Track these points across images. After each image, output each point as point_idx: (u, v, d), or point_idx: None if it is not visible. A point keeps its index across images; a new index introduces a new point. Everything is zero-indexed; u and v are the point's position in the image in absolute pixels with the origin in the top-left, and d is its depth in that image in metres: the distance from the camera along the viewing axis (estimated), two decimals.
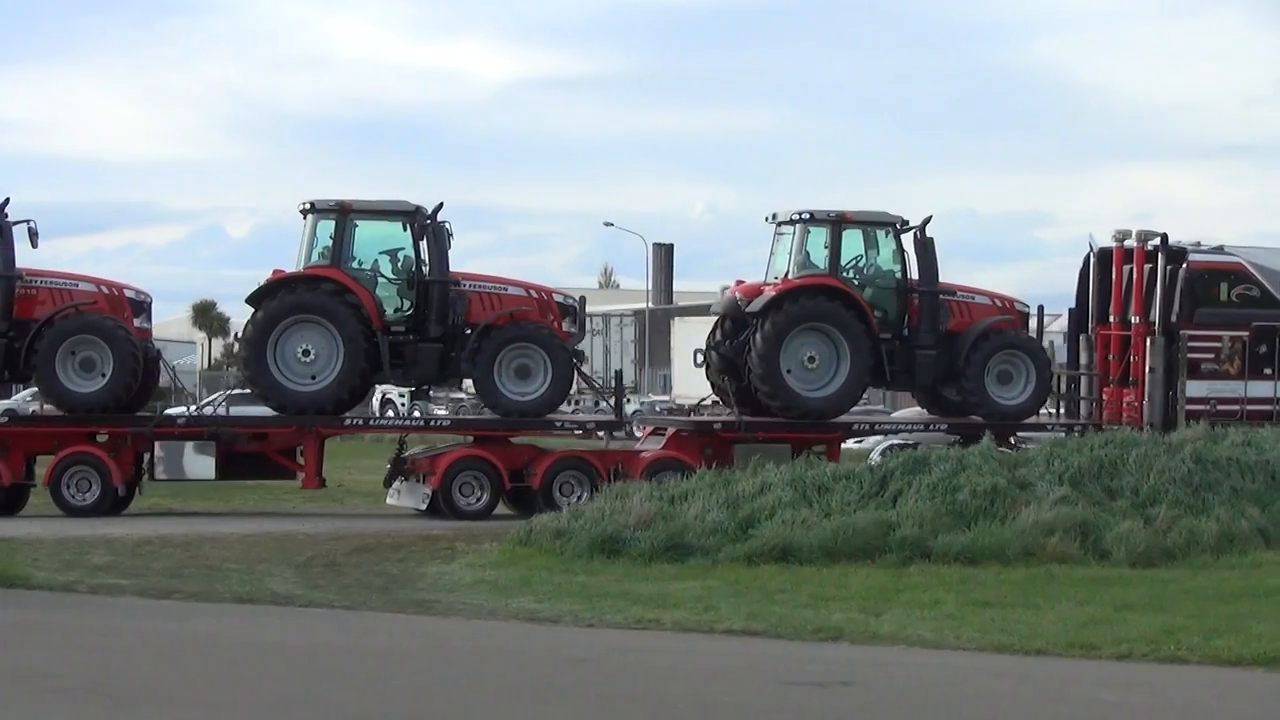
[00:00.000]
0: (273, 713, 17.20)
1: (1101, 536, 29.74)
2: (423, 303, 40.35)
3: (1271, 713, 17.67)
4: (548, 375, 40.06)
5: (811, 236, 42.00)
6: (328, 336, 39.37)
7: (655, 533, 29.98)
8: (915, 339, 41.76)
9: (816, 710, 17.71)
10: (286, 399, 39.60)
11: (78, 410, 39.44)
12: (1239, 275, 44.42)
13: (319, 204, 40.20)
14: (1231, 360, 43.61)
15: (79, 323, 39.39)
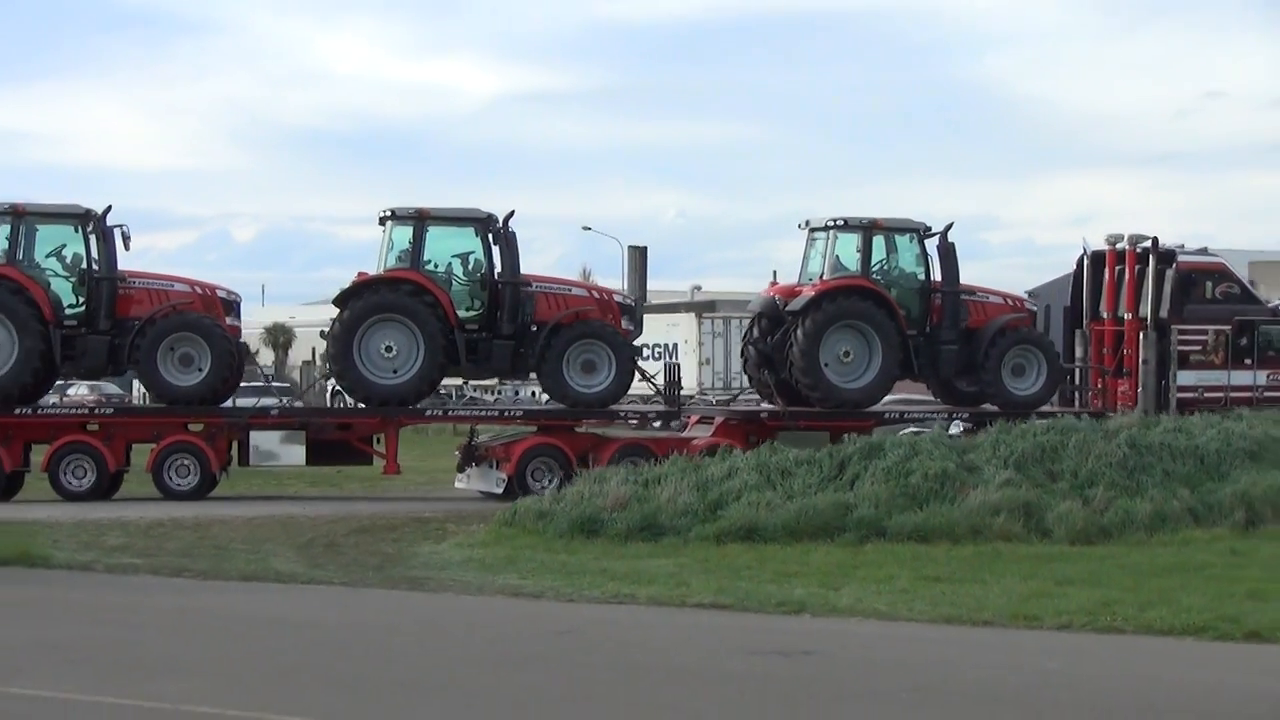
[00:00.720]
0: (276, 682, 17.20)
1: (1043, 516, 29.76)
2: (494, 302, 40.73)
3: (1201, 679, 17.71)
4: (611, 369, 40.62)
5: (842, 241, 42.43)
6: (408, 334, 39.71)
7: (631, 514, 29.98)
8: (938, 335, 42.38)
9: (780, 677, 17.72)
10: (371, 392, 40.00)
11: (177, 402, 39.75)
12: (1222, 274, 46.06)
13: (399, 211, 40.60)
14: (1216, 352, 44.85)
15: (179, 321, 39.68)
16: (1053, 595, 22.89)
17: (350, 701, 15.84)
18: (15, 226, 39.51)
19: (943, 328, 42.44)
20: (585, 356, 40.44)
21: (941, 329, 42.46)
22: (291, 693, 16.39)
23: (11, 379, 38.83)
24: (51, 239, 40.21)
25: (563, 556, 27.72)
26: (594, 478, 32.80)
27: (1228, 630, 20.18)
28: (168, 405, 40.05)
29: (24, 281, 39.00)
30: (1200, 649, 19.58)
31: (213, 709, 15.22)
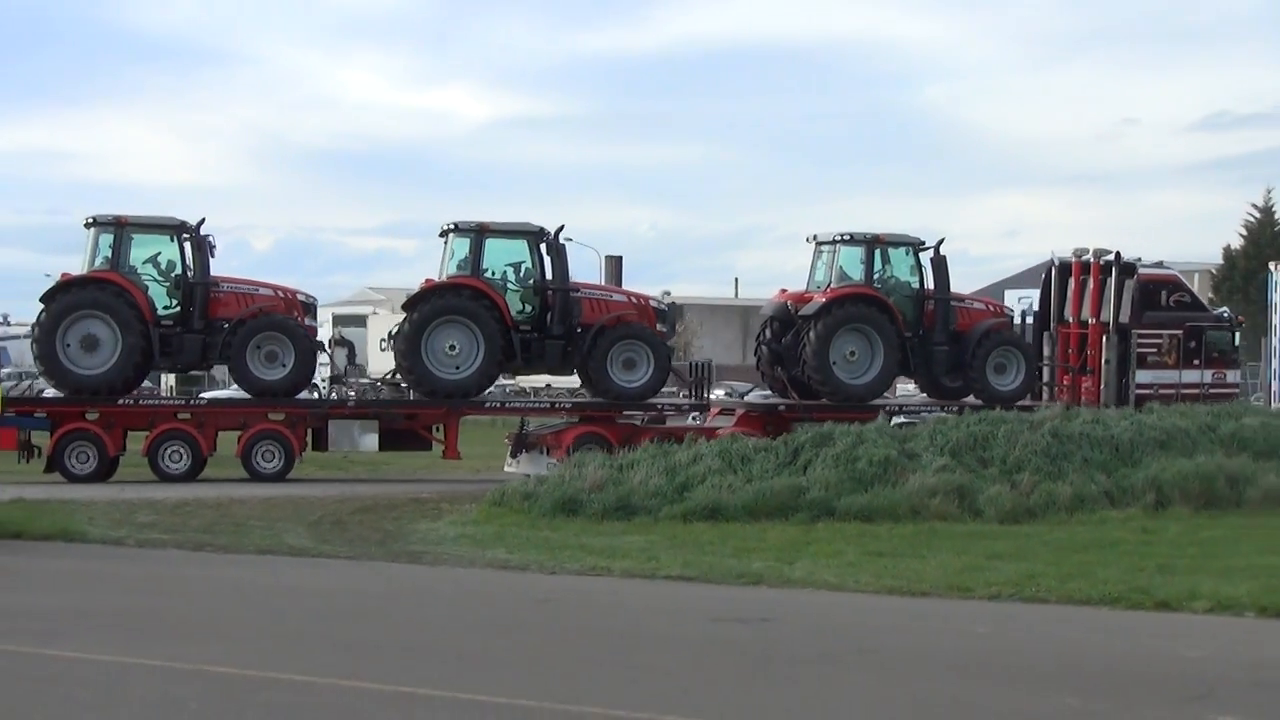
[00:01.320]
0: (289, 643, 17.17)
1: (975, 498, 29.81)
2: (545, 306, 41.36)
3: (1116, 644, 17.73)
4: (650, 367, 41.29)
5: (845, 253, 43.40)
6: (470, 334, 40.29)
7: (606, 495, 30.01)
8: (931, 337, 43.29)
9: (740, 641, 17.71)
10: (436, 386, 40.43)
11: (264, 395, 40.25)
12: (1175, 285, 47.06)
13: (461, 225, 41.20)
14: (1170, 353, 45.65)
15: (266, 321, 40.19)
16: (983, 569, 22.91)
17: (355, 662, 15.82)
18: (117, 236, 40.01)
19: (935, 331, 43.30)
20: (626, 355, 41.17)
21: (934, 332, 43.31)
22: (302, 654, 16.37)
23: (116, 372, 39.31)
24: (149, 247, 40.63)
25: (545, 533, 27.71)
26: (573, 463, 32.86)
27: (1139, 600, 20.20)
28: (254, 397, 40.50)
29: (126, 285, 39.51)
30: (1115, 617, 19.60)
31: (232, 669, 15.20)
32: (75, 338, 39.00)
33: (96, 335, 39.04)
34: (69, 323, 39.07)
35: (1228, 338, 46.92)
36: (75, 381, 39.17)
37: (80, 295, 39.17)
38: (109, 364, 39.14)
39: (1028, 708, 13.92)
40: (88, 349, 39.00)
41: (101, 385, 39.31)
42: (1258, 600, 19.80)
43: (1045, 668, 16.01)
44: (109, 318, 39.05)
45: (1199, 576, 21.84)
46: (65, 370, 39.05)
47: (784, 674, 15.61)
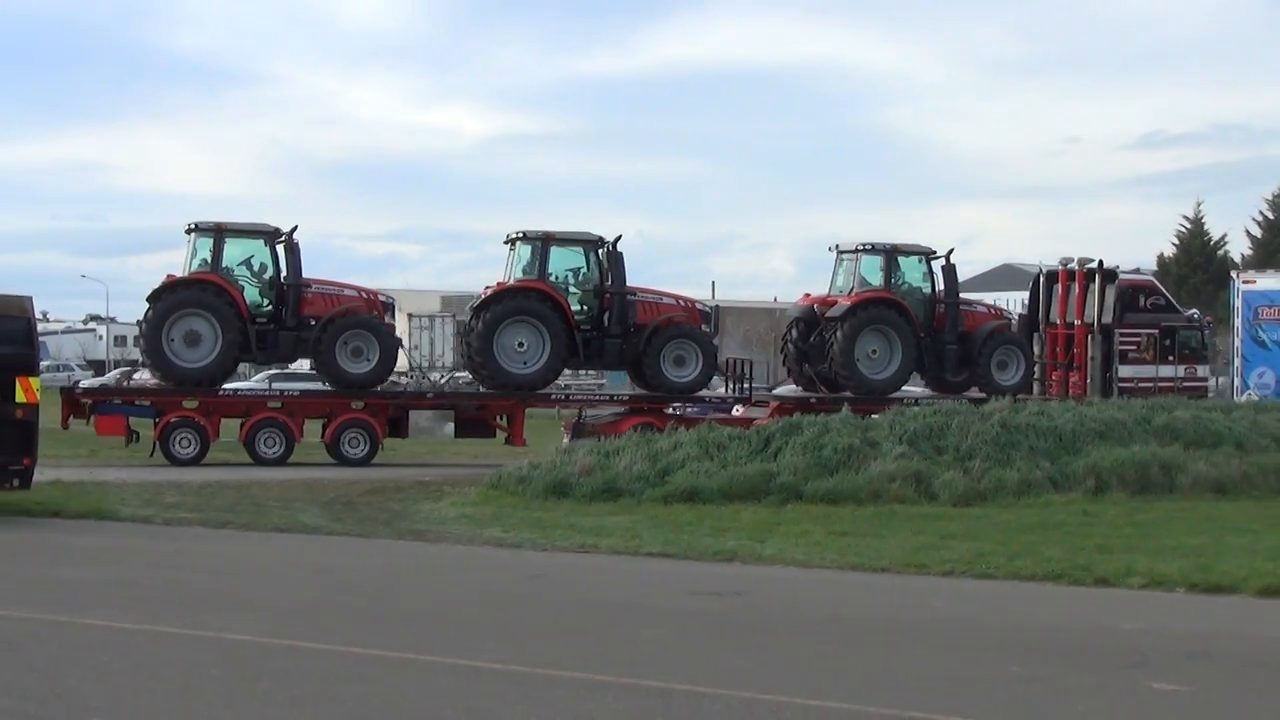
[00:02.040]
0: (303, 612, 17.14)
1: (931, 483, 29.80)
2: (603, 308, 42.00)
3: (1058, 616, 17.73)
4: (698, 363, 42.12)
5: (866, 261, 44.65)
6: (537, 332, 40.87)
7: (594, 479, 29.99)
8: (942, 337, 44.44)
9: (715, 612, 17.69)
10: (507, 380, 40.97)
11: (351, 387, 40.50)
12: (1151, 290, 48.81)
13: (529, 233, 41.72)
14: (1148, 350, 47.15)
15: (353, 320, 40.60)
16: (938, 547, 22.91)
17: (364, 630, 15.79)
18: (216, 240, 40.38)
19: (945, 331, 44.50)
20: (678, 353, 41.98)
21: (944, 332, 44.49)
22: (315, 623, 16.33)
23: (216, 365, 39.85)
24: (242, 251, 41.01)
25: (538, 514, 27.69)
26: (564, 449, 32.86)
27: (1080, 577, 20.21)
28: (341, 389, 40.83)
29: (225, 285, 39.93)
30: (1058, 592, 19.60)
31: (251, 636, 15.17)
32: (179, 333, 39.52)
33: (198, 331, 39.56)
34: (174, 320, 39.54)
35: (1197, 336, 48.28)
36: (178, 373, 39.63)
37: (185, 295, 39.64)
38: (209, 358, 39.60)
39: (977, 674, 13.91)
40: (190, 344, 39.50)
41: (203, 377, 39.81)
42: (1188, 577, 19.81)
43: (993, 638, 16.00)
44: (210, 315, 39.55)
45: (1134, 555, 21.86)
46: (170, 363, 39.52)
47: (755, 642, 15.59)
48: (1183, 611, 18.09)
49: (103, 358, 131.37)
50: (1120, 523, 26.35)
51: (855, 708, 12.31)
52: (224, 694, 12.69)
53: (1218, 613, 18.01)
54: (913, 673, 13.97)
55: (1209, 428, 34.04)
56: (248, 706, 12.30)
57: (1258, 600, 18.74)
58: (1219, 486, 31.19)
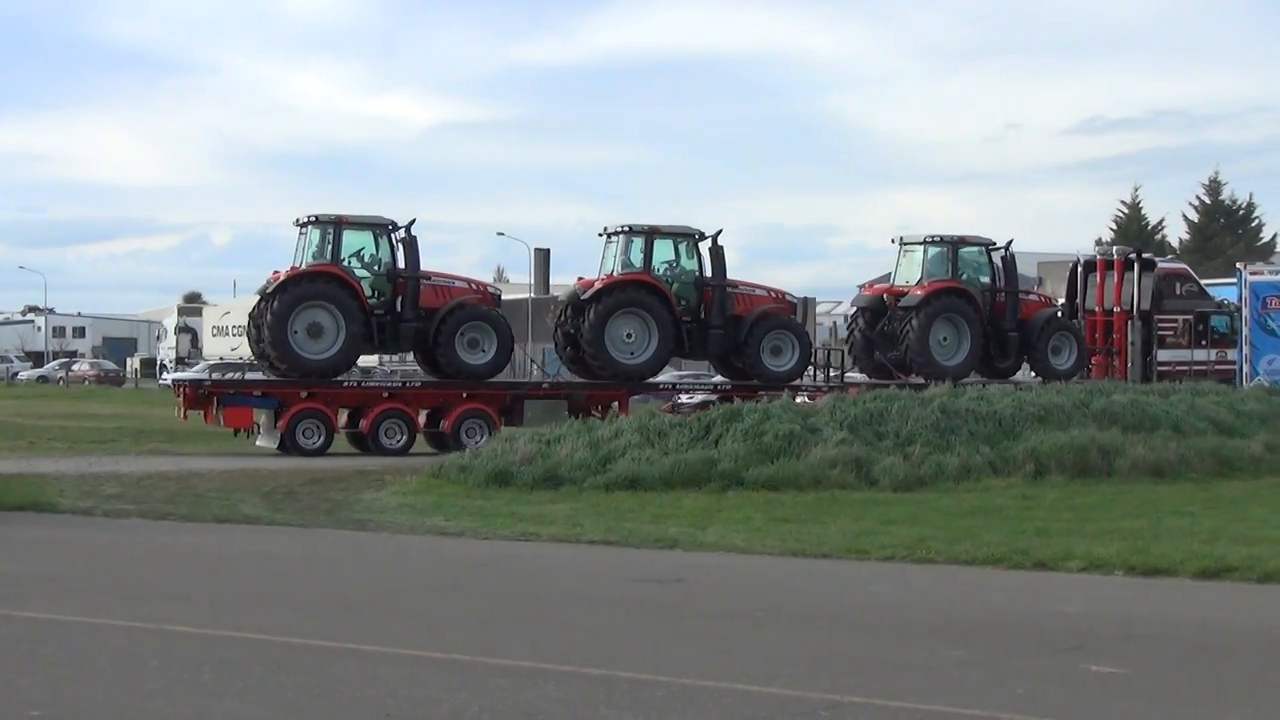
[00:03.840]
0: (244, 604, 17.09)
1: (871, 469, 29.90)
2: (703, 300, 42.85)
3: (997, 600, 17.82)
4: (795, 353, 43.32)
5: (932, 253, 46.03)
6: (645, 323, 41.75)
7: (536, 467, 30.01)
8: (1004, 324, 46.11)
9: (656, 600, 17.72)
10: (617, 369, 41.76)
11: (469, 378, 40.93)
12: (1186, 277, 50.86)
13: (635, 228, 42.64)
14: (1184, 335, 49.13)
15: (472, 312, 41.24)
16: (879, 533, 22.99)
17: (304, 620, 15.77)
18: (335, 233, 40.50)
19: (1005, 319, 45.99)
20: (775, 343, 42.96)
21: (1005, 320, 45.99)
22: (256, 614, 16.28)
23: (340, 357, 40.29)
24: (357, 243, 41.18)
25: (480, 502, 27.69)
26: (504, 437, 32.87)
27: (1019, 560, 20.30)
28: (461, 380, 41.22)
29: (346, 277, 40.19)
30: (997, 576, 19.69)
31: (191, 628, 15.12)
32: (301, 325, 39.71)
33: (321, 323, 39.86)
34: (297, 312, 39.74)
35: (1226, 321, 50.14)
36: (303, 365, 39.84)
37: (308, 287, 39.87)
38: (332, 349, 39.88)
39: (918, 659, 13.96)
40: (313, 336, 39.76)
41: (327, 368, 40.11)
42: (1126, 560, 19.93)
43: (934, 622, 16.06)
44: (333, 307, 39.83)
45: (1073, 539, 21.98)
46: (294, 355, 39.70)
47: (695, 629, 15.62)
48: (1121, 594, 18.19)
49: (41, 349, 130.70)
50: (1059, 507, 26.50)
51: (795, 693, 12.36)
52: (165, 686, 12.66)
53: (1155, 595, 18.13)
54: (853, 658, 14.03)
55: (1147, 412, 34.29)
56: (189, 698, 12.26)
57: (1195, 582, 18.87)
58: (1157, 470, 31.42)
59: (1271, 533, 22.65)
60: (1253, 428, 35.23)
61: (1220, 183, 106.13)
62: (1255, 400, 37.98)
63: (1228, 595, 18.10)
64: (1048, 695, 12.51)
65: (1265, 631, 15.77)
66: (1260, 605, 17.52)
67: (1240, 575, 18.99)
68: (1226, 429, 34.84)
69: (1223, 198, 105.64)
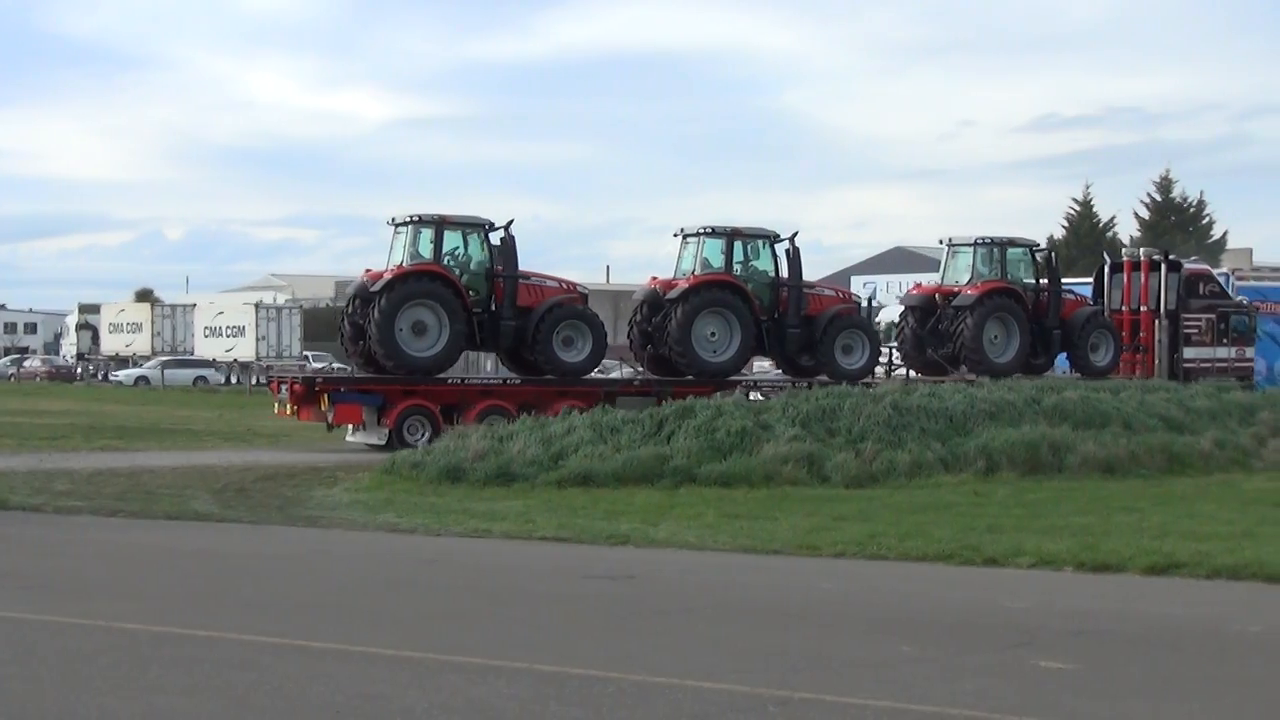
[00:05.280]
0: (195, 601, 17.04)
1: (823, 465, 29.97)
2: (778, 300, 43.70)
3: (948, 596, 17.87)
4: (865, 350, 44.53)
5: (982, 253, 47.34)
6: (728, 323, 42.55)
7: (488, 464, 29.98)
8: (1047, 323, 47.29)
9: (608, 596, 17.73)
10: (702, 367, 42.29)
11: (567, 375, 41.38)
12: (1209, 278, 52.26)
13: (718, 229, 43.35)
14: (1207, 334, 50.51)
15: (570, 311, 41.79)
16: (830, 529, 23.04)
17: (256, 617, 15.72)
18: (438, 233, 40.76)
19: (1048, 317, 47.22)
20: (846, 342, 43.85)
21: (1048, 318, 47.21)
22: (206, 611, 16.23)
23: (444, 355, 40.58)
24: (454, 243, 41.49)
25: (432, 499, 27.67)
26: (457, 434, 32.82)
27: (970, 557, 20.39)
28: (559, 377, 41.57)
29: (450, 277, 40.51)
30: (948, 572, 19.76)
31: (141, 625, 15.07)
32: (406, 323, 39.99)
33: (425, 321, 40.18)
34: (403, 310, 40.02)
35: (1246, 320, 51.68)
36: (409, 363, 40.10)
37: (415, 286, 40.16)
38: (436, 347, 40.22)
39: (868, 655, 14.00)
40: (417, 334, 40.09)
41: (431, 366, 40.45)
42: (1076, 556, 20.02)
43: (885, 618, 16.10)
44: (437, 306, 40.16)
45: (1024, 535, 22.08)
46: (401, 352, 39.94)
47: (648, 625, 15.64)
48: (1070, 590, 18.27)
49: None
50: (1010, 503, 26.62)
51: (746, 689, 12.37)
52: (114, 683, 12.61)
53: (1104, 591, 18.19)
54: (804, 653, 14.05)
55: (1097, 408, 34.47)
56: (138, 695, 12.22)
57: (1143, 578, 18.97)
58: (1107, 466, 31.61)
59: (1220, 529, 22.83)
60: (1202, 424, 35.46)
61: (1171, 181, 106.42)
62: (1205, 397, 38.25)
63: (1176, 591, 18.21)
64: (997, 691, 12.56)
65: (1213, 626, 15.85)
66: (1208, 600, 17.60)
67: (1189, 571, 19.10)
68: (1176, 426, 35.05)
69: (1173, 195, 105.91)
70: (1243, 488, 29.85)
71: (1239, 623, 16.02)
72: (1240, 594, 18.01)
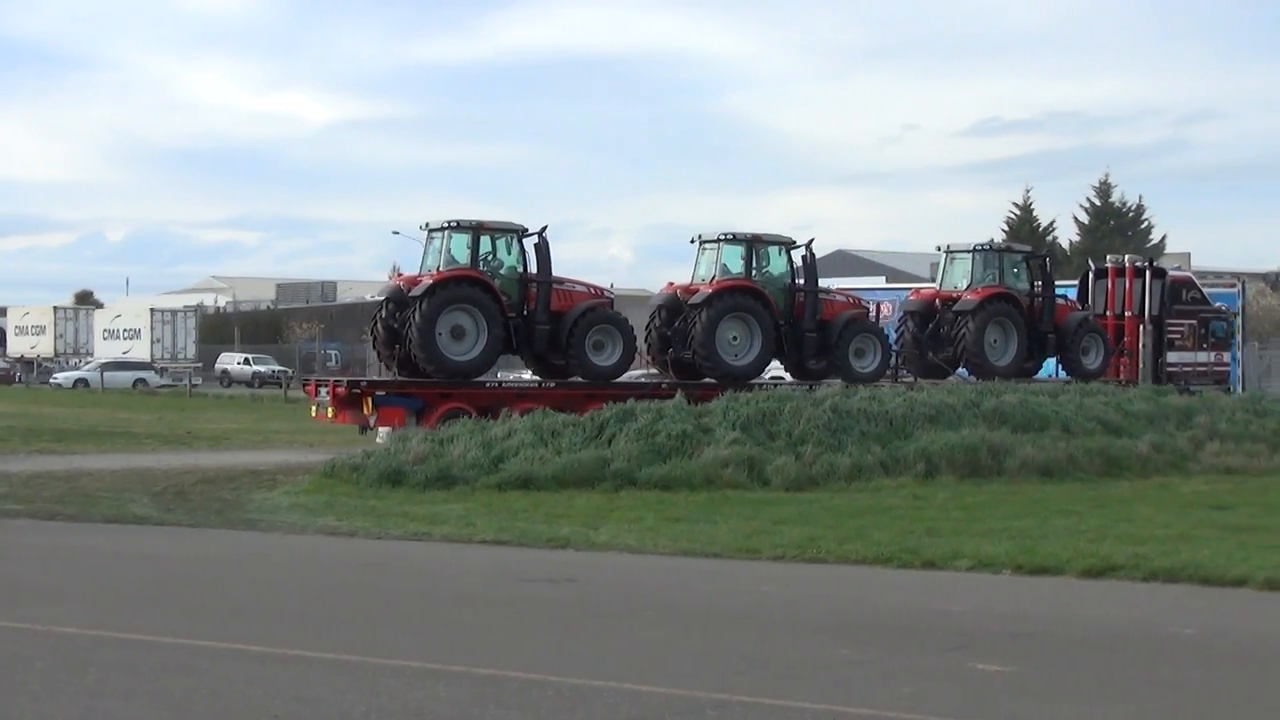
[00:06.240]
0: (132, 605, 16.97)
1: (764, 468, 30.01)
2: (796, 305, 44.07)
3: (887, 599, 17.93)
4: (878, 355, 45.00)
5: (976, 259, 48.17)
6: (749, 326, 42.84)
7: (428, 467, 29.94)
8: (1040, 326, 48.09)
9: (548, 600, 17.73)
10: (726, 370, 42.39)
11: (597, 379, 41.33)
12: (1190, 285, 53.62)
13: (738, 236, 43.76)
14: (1189, 339, 51.66)
15: (601, 315, 41.74)
16: (770, 532, 23.09)
17: (193, 621, 15.67)
18: (475, 238, 40.83)
19: (1043, 321, 48.10)
20: (859, 346, 44.31)
21: (1042, 322, 48.10)
22: (144, 615, 16.18)
23: (482, 359, 40.57)
24: (489, 248, 41.52)
25: (372, 502, 27.60)
26: (399, 437, 32.75)
27: (909, 560, 20.45)
28: (589, 382, 41.50)
29: (488, 282, 40.52)
30: (888, 575, 19.82)
31: (78, 629, 15.00)
32: (445, 327, 39.98)
33: (463, 326, 40.13)
34: (443, 314, 40.06)
35: (1224, 326, 52.80)
36: (449, 366, 40.11)
37: (455, 291, 40.16)
38: (474, 351, 40.25)
39: (807, 657, 14.03)
40: (455, 338, 40.05)
41: (470, 369, 40.51)
42: (1014, 559, 20.11)
43: (824, 621, 16.15)
44: (475, 310, 40.20)
45: (962, 538, 22.16)
46: (441, 356, 39.93)
47: (587, 629, 15.65)
48: (1008, 593, 18.36)
49: None
50: (949, 506, 26.71)
51: (684, 692, 12.39)
52: (50, 687, 12.55)
53: (1042, 594, 18.29)
54: (742, 657, 14.08)
55: (1036, 411, 34.62)
56: (74, 699, 12.16)
57: (1080, 581, 19.06)
58: (1046, 469, 31.75)
59: (1157, 531, 22.96)
60: (1140, 428, 35.64)
61: (1110, 185, 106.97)
62: (1143, 401, 38.44)
63: (1113, 593, 18.30)
64: (935, 694, 12.61)
65: (1149, 629, 15.95)
66: (1145, 603, 17.71)
67: (1125, 574, 19.21)
68: (1114, 429, 35.23)
69: (1113, 200, 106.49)
70: (1180, 491, 30.02)
71: (1175, 625, 16.13)
72: (1176, 596, 18.12)
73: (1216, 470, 33.69)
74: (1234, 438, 36.24)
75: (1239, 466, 34.09)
